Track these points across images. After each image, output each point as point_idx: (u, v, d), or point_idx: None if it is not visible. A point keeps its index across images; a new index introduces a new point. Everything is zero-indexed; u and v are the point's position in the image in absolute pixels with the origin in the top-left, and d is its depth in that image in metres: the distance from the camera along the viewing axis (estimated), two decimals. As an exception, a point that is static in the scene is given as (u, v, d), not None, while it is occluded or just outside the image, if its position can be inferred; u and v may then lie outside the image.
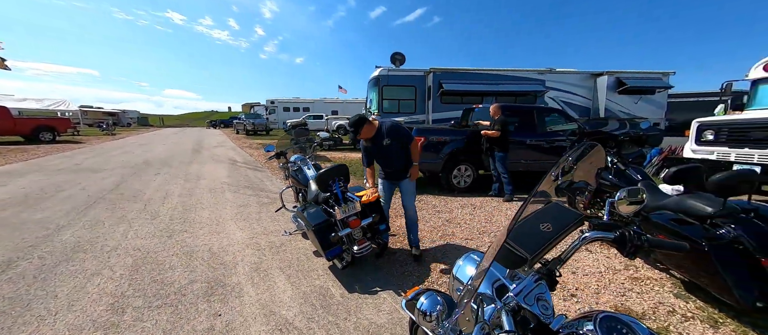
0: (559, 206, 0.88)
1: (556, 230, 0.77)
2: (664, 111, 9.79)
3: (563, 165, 0.93)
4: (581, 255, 2.95)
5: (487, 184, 5.66)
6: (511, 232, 0.75)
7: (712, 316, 2.01)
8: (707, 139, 4.94)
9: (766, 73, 5.07)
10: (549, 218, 0.82)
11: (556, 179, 0.91)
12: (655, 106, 9.81)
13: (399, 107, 9.50)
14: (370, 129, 2.68)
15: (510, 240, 0.74)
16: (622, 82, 9.34)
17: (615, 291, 2.36)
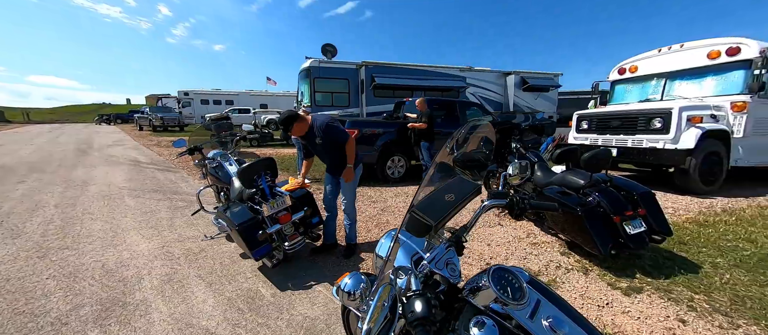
0: (461, 179, 0.99)
1: (458, 199, 0.87)
2: (556, 105, 11.82)
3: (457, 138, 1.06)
4: (494, 229, 3.38)
5: (419, 174, 6.02)
6: (418, 204, 0.81)
7: (584, 266, 2.54)
8: (584, 128, 6.15)
9: (620, 75, 6.53)
10: (452, 190, 0.92)
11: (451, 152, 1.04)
12: (550, 101, 11.76)
13: (333, 100, 9.32)
14: (301, 126, 2.54)
15: (416, 210, 0.80)
16: (525, 80, 10.92)
17: (519, 255, 2.78)
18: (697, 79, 5.27)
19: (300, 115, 2.56)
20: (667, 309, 1.98)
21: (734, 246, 2.87)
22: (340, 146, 2.61)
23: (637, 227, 2.39)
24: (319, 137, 2.56)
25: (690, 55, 5.30)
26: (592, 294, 2.18)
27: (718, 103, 4.84)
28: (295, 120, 2.48)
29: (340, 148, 2.61)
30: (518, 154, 3.64)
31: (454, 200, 0.87)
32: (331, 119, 2.61)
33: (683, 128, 4.61)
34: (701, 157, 4.58)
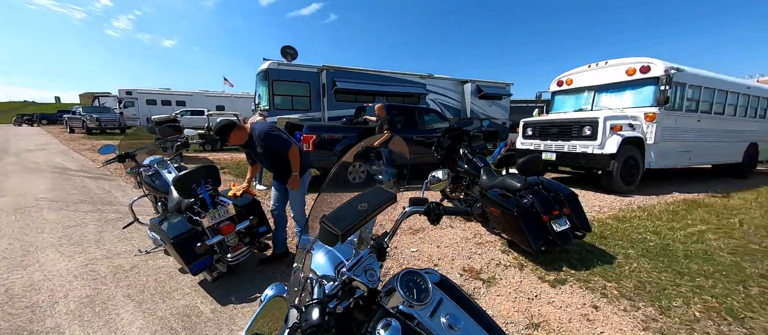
0: (379, 189, 1.04)
1: (371, 208, 0.91)
2: (508, 113, 12.72)
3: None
4: (445, 231, 3.54)
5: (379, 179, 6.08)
6: (329, 214, 0.84)
7: (520, 263, 2.76)
8: (529, 134, 6.69)
9: (558, 87, 7.23)
10: (366, 199, 0.96)
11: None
12: (503, 109, 12.62)
13: (293, 103, 9.09)
14: (239, 135, 2.43)
15: (325, 220, 0.83)
16: (480, 89, 11.61)
17: (465, 255, 2.94)
18: (618, 92, 6.03)
19: (237, 124, 2.46)
20: (584, 298, 2.23)
21: (643, 238, 3.32)
22: (282, 155, 2.52)
23: (562, 225, 2.66)
24: (259, 146, 2.48)
25: (613, 71, 6.05)
26: (524, 287, 2.38)
27: (634, 114, 5.58)
28: (232, 129, 2.38)
29: (283, 157, 2.52)
30: (466, 159, 3.86)
31: (367, 209, 0.91)
32: (270, 128, 2.51)
33: (607, 135, 5.23)
34: (622, 160, 5.23)
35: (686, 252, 2.97)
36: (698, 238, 3.34)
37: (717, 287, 2.36)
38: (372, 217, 0.94)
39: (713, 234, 3.50)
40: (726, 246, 3.16)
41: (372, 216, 0.93)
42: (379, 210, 0.97)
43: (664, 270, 2.62)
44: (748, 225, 3.83)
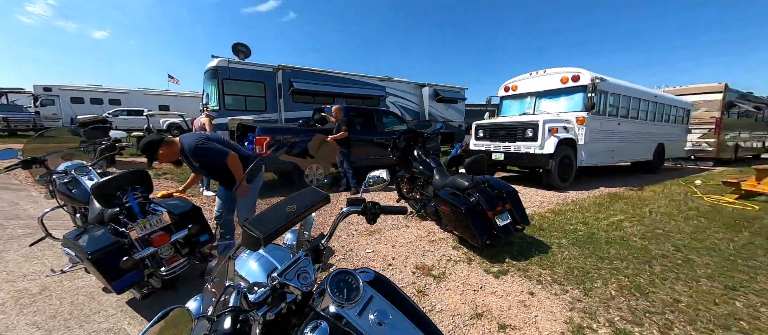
0: (312, 190, 1.03)
1: (300, 209, 0.90)
2: (464, 116, 13.40)
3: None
4: (400, 231, 3.61)
5: (338, 181, 6.00)
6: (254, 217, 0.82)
7: (469, 257, 2.92)
8: (480, 136, 7.12)
9: (505, 92, 7.80)
10: (296, 201, 0.94)
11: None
12: (459, 112, 13.28)
13: (246, 104, 8.61)
14: (169, 152, 2.22)
15: (247, 224, 0.80)
16: (438, 92, 12.09)
17: (419, 253, 3.03)
18: (555, 98, 6.69)
19: (165, 140, 2.22)
20: (522, 286, 2.42)
21: (574, 229, 3.71)
22: (220, 167, 2.35)
23: (504, 219, 2.87)
24: (193, 161, 2.30)
25: (550, 79, 6.71)
26: (471, 280, 2.52)
27: (568, 118, 6.23)
28: (159, 146, 2.15)
29: (222, 168, 2.35)
30: (420, 160, 3.99)
31: (295, 211, 0.89)
32: (198, 142, 2.29)
33: (546, 137, 5.78)
34: (558, 159, 5.81)
35: (607, 239, 3.39)
36: (617, 226, 3.83)
37: (629, 268, 2.73)
38: (301, 219, 0.92)
39: (629, 222, 4.04)
40: (638, 232, 3.66)
41: (301, 217, 0.91)
42: (310, 211, 0.96)
43: (589, 255, 2.96)
44: (656, 213, 4.49)
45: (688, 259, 2.93)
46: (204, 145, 2.28)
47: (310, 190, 1.02)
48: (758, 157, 13.77)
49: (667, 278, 2.57)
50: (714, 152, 10.69)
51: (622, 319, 2.03)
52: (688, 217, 4.29)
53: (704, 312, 2.10)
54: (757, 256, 3.00)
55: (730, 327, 1.96)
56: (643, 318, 2.05)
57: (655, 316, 2.06)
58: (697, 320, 2.03)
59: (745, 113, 11.78)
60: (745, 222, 4.06)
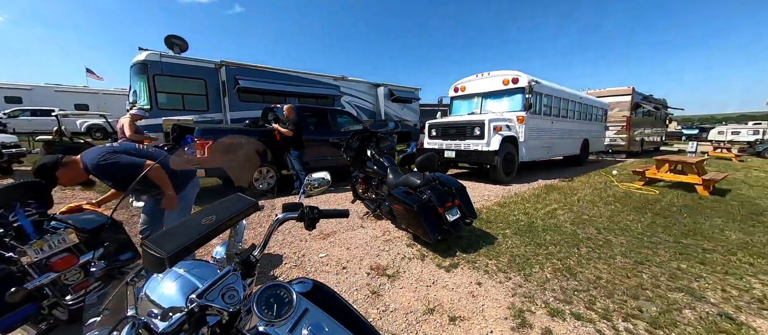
0: (237, 196, 0.94)
1: (219, 220, 0.80)
2: (418, 115, 13.81)
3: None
4: (355, 232, 3.57)
5: (291, 185, 5.73)
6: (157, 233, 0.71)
7: (422, 254, 2.99)
8: (433, 135, 7.38)
9: (455, 93, 8.19)
10: (216, 210, 0.85)
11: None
12: (413, 112, 13.64)
13: (184, 103, 7.79)
14: (71, 174, 1.86)
15: (147, 242, 0.69)
16: (392, 92, 12.27)
17: (374, 253, 3.01)
18: (498, 98, 7.21)
19: (62, 161, 1.83)
20: (471, 277, 2.55)
21: (517, 219, 4.03)
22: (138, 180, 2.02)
23: (454, 215, 3.00)
24: (102, 179, 1.98)
25: (494, 81, 7.21)
26: (424, 276, 2.57)
27: (510, 117, 6.76)
28: (55, 169, 1.78)
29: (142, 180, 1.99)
30: (374, 159, 3.98)
31: (214, 222, 0.79)
32: (100, 157, 1.94)
33: (491, 135, 6.20)
34: (503, 155, 6.27)
35: (543, 226, 3.74)
36: (552, 215, 4.25)
37: (561, 252, 3.03)
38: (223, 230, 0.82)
39: (561, 210, 4.51)
40: (568, 219, 4.10)
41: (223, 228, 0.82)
42: (235, 220, 0.86)
43: (529, 243, 3.23)
44: (582, 200, 5.08)
45: (607, 240, 3.36)
46: (107, 161, 1.92)
47: (235, 197, 0.92)
48: (658, 150, 16.48)
49: (591, 258, 2.90)
50: (626, 146, 12.52)
51: (556, 299, 2.24)
52: (607, 203, 4.94)
53: (619, 286, 2.42)
54: (657, 233, 3.55)
55: (638, 296, 2.28)
56: (572, 296, 2.28)
57: (582, 294, 2.31)
58: (614, 293, 2.32)
59: (647, 112, 13.99)
60: (648, 204, 4.80)
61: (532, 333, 1.90)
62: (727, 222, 3.93)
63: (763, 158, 12.56)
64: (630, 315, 2.06)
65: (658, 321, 1.99)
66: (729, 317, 2.02)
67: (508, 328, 1.94)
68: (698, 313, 2.07)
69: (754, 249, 3.10)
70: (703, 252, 3.02)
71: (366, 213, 4.18)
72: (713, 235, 3.49)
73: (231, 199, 0.91)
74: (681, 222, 3.96)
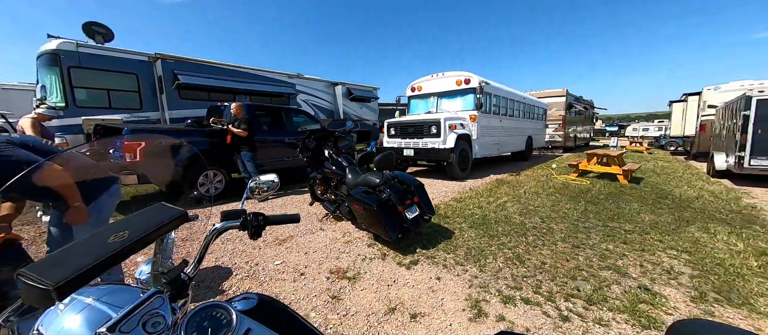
0: (160, 206, 0.81)
1: (134, 236, 0.68)
2: (377, 114, 13.86)
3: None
4: (314, 235, 3.44)
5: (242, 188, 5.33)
6: (43, 260, 0.57)
7: (383, 253, 2.98)
8: (392, 134, 7.45)
9: (412, 92, 8.37)
10: (130, 224, 0.72)
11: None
12: (372, 111, 13.65)
13: (110, 100, 6.80)
14: None
15: (27, 272, 0.55)
16: (351, 91, 12.13)
17: (333, 256, 2.92)
18: (453, 98, 7.53)
19: None
20: (431, 272, 2.60)
21: (472, 213, 4.23)
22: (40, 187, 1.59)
23: (413, 212, 3.03)
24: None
25: (448, 81, 7.50)
26: (385, 276, 2.56)
27: (463, 115, 7.10)
28: None
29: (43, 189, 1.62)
30: (332, 160, 3.87)
31: (126, 239, 0.67)
32: None
33: (447, 133, 6.44)
34: (458, 152, 6.56)
35: (495, 219, 3.98)
36: (502, 207, 4.55)
37: (511, 241, 3.24)
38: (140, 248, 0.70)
39: (511, 202, 4.85)
40: (517, 210, 4.42)
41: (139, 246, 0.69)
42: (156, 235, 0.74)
43: (483, 235, 3.41)
44: (528, 193, 5.53)
45: (549, 228, 3.68)
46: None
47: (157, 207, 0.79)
48: (587, 145, 18.69)
49: (537, 245, 3.16)
50: (562, 142, 13.97)
51: (508, 287, 2.38)
52: (549, 194, 5.44)
53: (560, 269, 2.65)
54: (589, 219, 4.00)
55: (576, 277, 2.53)
56: (521, 282, 2.45)
57: (530, 279, 2.49)
58: (556, 276, 2.54)
59: (579, 112, 15.77)
60: (582, 194, 5.39)
61: (488, 321, 1.99)
62: (642, 206, 4.57)
63: (666, 150, 14.98)
64: (570, 295, 2.26)
65: (592, 298, 2.22)
66: (646, 289, 2.33)
67: (466, 319, 2.01)
68: (623, 287, 2.36)
69: (662, 227, 3.65)
70: (625, 233, 3.47)
71: (325, 215, 4.05)
72: (632, 218, 4.03)
73: (152, 210, 0.78)
74: (607, 208, 4.50)
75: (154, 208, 0.79)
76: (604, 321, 1.98)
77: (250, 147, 5.06)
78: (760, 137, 5.78)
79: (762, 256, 2.85)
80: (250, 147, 5.05)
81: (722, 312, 2.07)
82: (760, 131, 5.78)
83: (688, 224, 3.79)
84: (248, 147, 5.04)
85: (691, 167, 9.22)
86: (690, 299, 2.21)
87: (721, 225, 3.70)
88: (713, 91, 9.99)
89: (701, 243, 3.20)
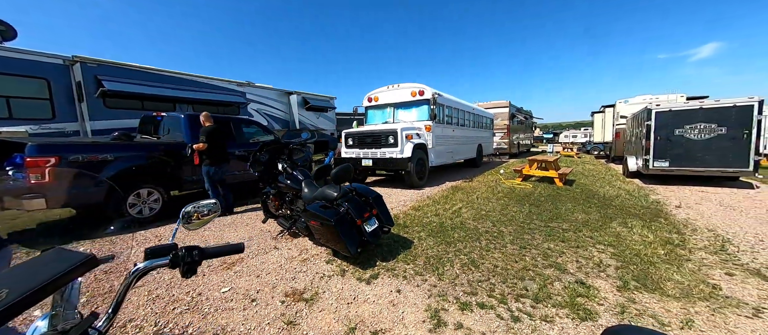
0: (58, 252, 0.68)
1: (16, 295, 0.55)
2: (335, 124, 13.69)
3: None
4: (268, 256, 3.21)
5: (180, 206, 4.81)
6: None
7: (343, 269, 2.89)
8: (350, 144, 7.39)
9: (369, 103, 8.44)
10: (15, 279, 0.58)
11: None
12: (330, 121, 13.45)
13: (10, 109, 5.71)
14: None
15: None
16: (307, 100, 11.84)
17: (289, 277, 2.75)
18: (408, 109, 7.76)
19: None
20: (391, 285, 2.58)
21: (429, 221, 4.34)
22: None
23: (372, 225, 3.00)
24: None
25: (404, 92, 7.72)
26: (345, 293, 2.48)
27: (419, 126, 7.35)
28: None
29: None
30: (286, 173, 3.69)
31: (3, 301, 0.53)
32: None
33: (404, 143, 6.59)
34: (415, 161, 6.74)
35: (451, 225, 4.13)
36: (458, 214, 4.75)
37: (467, 247, 3.39)
38: (31, 305, 0.56)
39: (465, 208, 5.10)
40: (470, 215, 4.65)
41: (28, 304, 0.55)
42: (52, 289, 0.60)
43: (441, 243, 3.50)
44: (480, 198, 5.87)
45: (500, 231, 3.93)
46: None
47: (52, 254, 0.65)
48: (529, 151, 20.63)
49: (490, 249, 3.34)
50: (508, 149, 15.21)
51: (465, 293, 2.46)
52: (498, 198, 5.84)
53: (510, 270, 2.83)
54: (533, 221, 4.36)
55: (524, 277, 2.71)
56: (477, 287, 2.55)
57: (484, 283, 2.61)
58: (508, 278, 2.70)
59: (520, 121, 17.37)
60: (526, 197, 5.88)
61: (447, 330, 2.02)
62: (575, 206, 5.13)
63: (591, 154, 17.19)
64: (520, 296, 2.42)
65: (538, 296, 2.39)
66: (582, 283, 2.59)
67: (427, 331, 2.02)
68: (563, 283, 2.59)
69: (592, 225, 4.12)
70: (563, 232, 3.84)
71: (281, 232, 3.83)
72: (568, 217, 4.49)
73: (46, 257, 0.64)
74: (548, 209, 4.97)
75: (48, 255, 0.64)
76: (549, 318, 2.14)
77: (212, 160, 4.66)
78: (659, 143, 6.93)
79: (667, 245, 3.36)
80: (211, 160, 4.65)
81: (641, 297, 2.37)
82: (659, 138, 6.92)
83: (611, 220, 4.34)
84: (209, 160, 4.64)
85: (611, 169, 10.68)
86: (616, 289, 2.50)
87: (636, 220, 4.30)
88: (624, 103, 11.79)
89: (622, 236, 3.67)
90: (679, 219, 4.36)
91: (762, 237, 3.56)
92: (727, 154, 6.26)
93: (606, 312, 2.18)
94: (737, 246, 3.33)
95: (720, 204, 5.18)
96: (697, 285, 2.52)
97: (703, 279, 2.61)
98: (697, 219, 4.40)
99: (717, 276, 2.67)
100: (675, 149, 6.77)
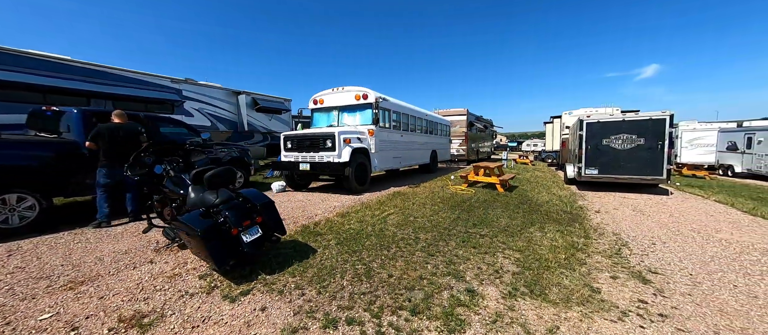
0: None
1: None
2: (290, 127, 13.17)
3: None
4: (132, 272, 2.75)
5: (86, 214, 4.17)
6: None
7: (214, 285, 2.52)
8: (289, 147, 7.00)
9: (315, 105, 8.12)
10: None
11: None
12: (284, 123, 12.92)
13: None
14: None
15: None
16: (257, 101, 11.26)
17: (142, 297, 2.33)
18: (353, 112, 7.54)
19: None
20: (258, 303, 2.26)
21: (349, 228, 4.07)
22: None
23: (253, 234, 2.68)
24: None
25: (348, 96, 7.50)
26: (196, 315, 2.11)
27: (362, 130, 7.14)
28: None
29: None
30: (169, 177, 3.26)
31: None
32: None
33: (342, 147, 6.33)
34: (355, 166, 6.50)
35: (369, 232, 3.90)
36: (383, 220, 4.54)
37: (370, 256, 3.15)
38: None
39: (395, 214, 4.90)
40: (395, 222, 4.46)
41: None
42: None
43: (345, 251, 3.24)
44: (416, 203, 5.73)
45: (417, 238, 3.75)
46: None
47: None
48: (489, 158, 21.29)
49: (395, 257, 3.13)
50: (466, 155, 15.52)
51: (339, 307, 2.21)
52: (435, 204, 5.73)
53: (404, 280, 2.62)
54: (457, 226, 4.25)
55: (414, 287, 2.52)
56: (357, 300, 2.30)
57: (368, 295, 2.38)
58: (396, 288, 2.49)
59: (479, 129, 17.88)
60: (463, 203, 5.84)
61: (292, 356, 1.74)
62: (503, 212, 5.13)
63: (544, 162, 18.06)
64: (399, 308, 2.20)
65: (418, 308, 2.19)
66: (471, 291, 2.44)
67: (267, 357, 1.72)
68: (451, 292, 2.42)
69: (511, 230, 4.09)
70: (479, 238, 3.75)
71: (167, 245, 3.37)
72: (492, 222, 4.45)
73: None
74: (477, 214, 4.92)
75: None
76: (417, 332, 1.94)
77: (109, 161, 4.11)
78: (590, 152, 7.28)
79: (570, 249, 3.37)
80: (109, 161, 4.11)
81: (521, 304, 2.26)
82: (589, 147, 7.27)
83: (532, 225, 4.35)
84: (106, 161, 4.10)
85: (557, 176, 11.17)
86: (502, 296, 2.38)
87: (554, 225, 4.35)
88: (568, 115, 12.49)
89: (534, 241, 3.65)
90: (592, 224, 4.48)
91: (655, 241, 3.70)
92: (645, 163, 6.69)
93: (478, 323, 2.03)
94: (631, 249, 3.41)
95: (633, 209, 5.45)
96: (580, 289, 2.46)
97: (588, 283, 2.57)
98: (608, 223, 4.55)
99: (602, 280, 2.65)
100: (603, 158, 7.14)
